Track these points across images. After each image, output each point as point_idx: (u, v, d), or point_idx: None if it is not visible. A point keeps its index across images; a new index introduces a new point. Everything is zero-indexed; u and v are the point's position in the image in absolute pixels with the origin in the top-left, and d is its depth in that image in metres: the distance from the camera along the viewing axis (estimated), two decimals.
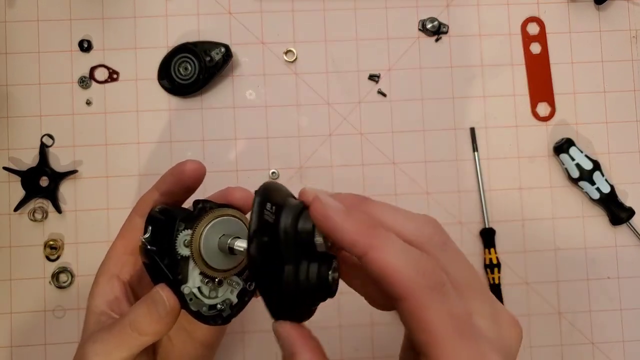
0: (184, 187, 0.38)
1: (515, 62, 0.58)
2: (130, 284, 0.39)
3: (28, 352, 0.53)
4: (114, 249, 0.39)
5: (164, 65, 0.55)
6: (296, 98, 0.56)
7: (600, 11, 0.58)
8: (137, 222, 0.38)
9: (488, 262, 0.55)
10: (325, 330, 0.53)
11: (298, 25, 0.57)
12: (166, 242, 0.34)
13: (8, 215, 0.54)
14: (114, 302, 0.38)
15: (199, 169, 0.37)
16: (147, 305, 0.34)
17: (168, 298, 0.34)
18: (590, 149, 0.57)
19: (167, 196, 0.38)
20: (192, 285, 0.34)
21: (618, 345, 0.56)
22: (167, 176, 0.38)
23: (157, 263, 0.34)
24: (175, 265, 0.34)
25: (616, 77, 0.58)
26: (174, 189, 0.38)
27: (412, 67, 0.57)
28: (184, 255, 0.34)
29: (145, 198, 0.38)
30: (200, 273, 0.34)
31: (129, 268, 0.39)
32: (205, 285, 0.34)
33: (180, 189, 0.38)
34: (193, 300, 0.34)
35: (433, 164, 0.56)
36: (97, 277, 0.39)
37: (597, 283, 0.56)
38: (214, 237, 0.34)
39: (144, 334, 0.34)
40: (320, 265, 0.29)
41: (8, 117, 0.55)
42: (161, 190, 0.38)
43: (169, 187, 0.38)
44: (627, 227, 0.57)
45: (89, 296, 0.38)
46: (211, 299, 0.35)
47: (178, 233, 0.34)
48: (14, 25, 0.55)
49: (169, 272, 0.34)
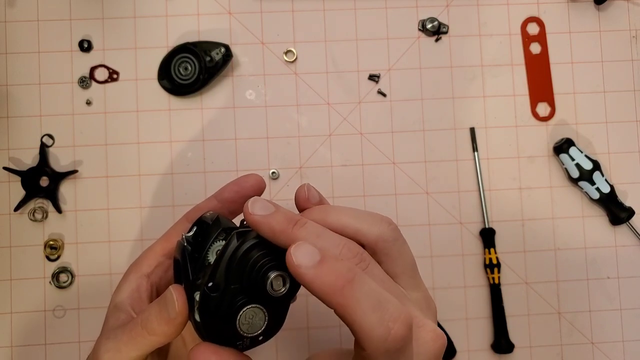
0: (243, 196, 0.38)
1: (515, 62, 0.58)
2: (158, 286, 0.39)
3: (28, 352, 0.53)
4: (151, 249, 0.39)
5: (164, 65, 0.55)
6: (296, 98, 0.56)
7: (600, 11, 0.58)
8: (184, 227, 0.38)
9: (488, 262, 0.55)
10: (325, 330, 0.53)
11: (298, 25, 0.57)
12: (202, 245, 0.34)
13: (8, 215, 0.54)
14: (137, 301, 0.37)
15: (259, 181, 0.39)
16: (159, 304, 0.34)
17: (178, 299, 0.33)
18: (590, 149, 0.57)
19: (226, 205, 0.38)
20: None
21: (618, 345, 0.56)
22: (229, 185, 0.39)
23: (185, 261, 0.34)
24: (200, 269, 0.34)
25: (616, 77, 0.58)
26: (233, 197, 0.38)
27: (412, 67, 0.57)
28: (211, 262, 0.34)
29: (201, 206, 0.39)
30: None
31: (161, 270, 0.39)
32: None
33: (240, 199, 0.38)
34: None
35: (433, 164, 0.56)
36: (128, 273, 0.38)
37: (597, 283, 0.56)
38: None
39: (153, 334, 0.33)
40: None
41: (8, 117, 0.55)
42: (220, 198, 0.39)
43: (229, 195, 0.38)
44: (627, 227, 0.57)
45: (115, 290, 0.38)
46: None
47: (215, 240, 0.34)
48: (14, 25, 0.55)
49: (191, 272, 0.34)
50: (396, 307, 0.27)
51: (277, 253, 0.30)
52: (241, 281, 0.30)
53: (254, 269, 0.30)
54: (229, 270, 0.29)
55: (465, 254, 0.56)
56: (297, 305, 0.53)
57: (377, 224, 0.32)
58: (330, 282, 0.27)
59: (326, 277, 0.27)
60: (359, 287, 0.27)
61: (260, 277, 0.30)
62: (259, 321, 0.30)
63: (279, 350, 0.53)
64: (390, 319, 0.27)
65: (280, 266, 0.30)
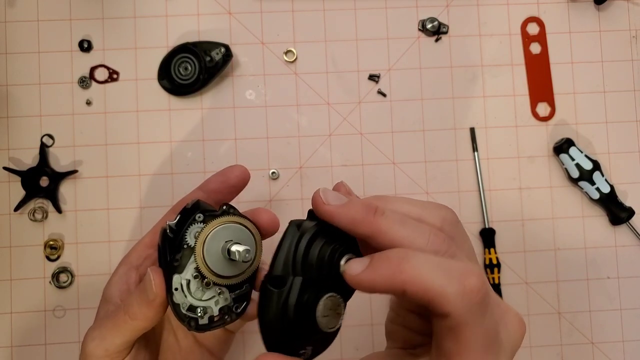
0: (229, 186, 0.39)
1: (515, 62, 0.58)
2: None
3: (28, 352, 0.53)
4: (140, 242, 0.40)
5: (164, 65, 0.55)
6: (296, 98, 0.56)
7: (600, 11, 0.58)
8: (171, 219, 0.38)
9: (488, 262, 0.55)
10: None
11: (298, 25, 0.57)
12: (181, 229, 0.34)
13: (8, 215, 0.54)
14: (126, 293, 0.38)
15: (244, 171, 0.39)
16: (139, 289, 0.34)
17: (154, 279, 0.33)
18: (590, 149, 0.57)
19: (212, 195, 0.39)
20: (183, 276, 0.34)
21: (618, 345, 0.56)
22: (214, 176, 0.39)
23: (164, 245, 0.34)
24: (177, 251, 0.34)
25: (616, 77, 0.58)
26: (219, 188, 0.39)
27: (412, 67, 0.57)
28: (190, 245, 0.34)
29: (187, 198, 0.39)
30: (195, 268, 0.34)
31: (149, 262, 0.39)
32: (194, 280, 0.34)
33: (225, 189, 0.39)
34: (178, 291, 0.34)
35: (433, 164, 0.56)
36: (118, 266, 0.39)
37: (597, 283, 0.56)
38: (221, 238, 0.34)
39: (134, 318, 0.34)
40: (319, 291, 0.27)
41: (8, 117, 0.55)
42: (205, 189, 0.39)
43: (215, 186, 0.39)
44: (627, 227, 0.57)
45: (106, 284, 0.39)
46: (194, 299, 0.34)
47: (193, 223, 0.34)
48: (14, 25, 0.55)
49: (169, 254, 0.34)
50: (460, 264, 0.26)
51: (342, 238, 0.29)
52: (309, 272, 0.28)
53: (322, 257, 0.28)
54: (294, 262, 0.27)
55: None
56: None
57: (437, 208, 0.30)
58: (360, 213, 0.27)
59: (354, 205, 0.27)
60: (417, 259, 0.26)
61: (334, 263, 0.28)
62: (337, 312, 0.28)
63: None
64: (459, 274, 0.25)
65: (350, 250, 0.29)
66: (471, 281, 0.25)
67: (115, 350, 0.34)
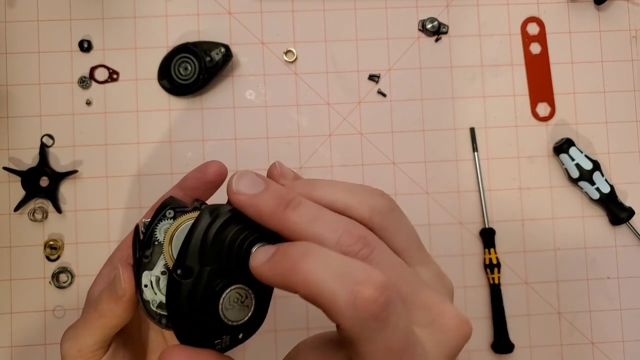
0: (205, 182, 0.38)
1: (515, 62, 0.58)
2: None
3: (28, 352, 0.53)
4: (124, 242, 0.39)
5: (164, 65, 0.55)
6: (296, 98, 0.56)
7: (600, 11, 0.58)
8: None
9: (488, 262, 0.55)
10: (326, 330, 0.53)
11: (298, 25, 0.57)
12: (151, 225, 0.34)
13: (8, 215, 0.54)
14: None
15: (221, 167, 0.39)
16: (109, 285, 0.34)
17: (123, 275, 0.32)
18: (590, 149, 0.57)
19: (189, 192, 0.38)
20: (153, 273, 0.34)
21: (618, 345, 0.56)
22: (191, 173, 0.39)
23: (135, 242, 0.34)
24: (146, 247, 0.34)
25: (616, 77, 0.58)
26: (196, 184, 0.38)
27: (412, 67, 0.57)
28: (160, 241, 0.34)
29: (165, 196, 0.39)
30: (164, 264, 0.34)
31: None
32: (163, 277, 0.34)
33: (202, 185, 0.38)
34: (148, 288, 0.34)
35: (433, 164, 0.56)
36: (102, 267, 0.39)
37: (597, 283, 0.56)
38: None
39: (102, 315, 0.33)
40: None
41: (8, 117, 0.55)
42: (183, 186, 0.38)
43: (191, 183, 0.38)
44: (627, 227, 0.57)
45: (91, 285, 0.38)
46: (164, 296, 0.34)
47: (163, 219, 0.34)
48: (14, 25, 0.55)
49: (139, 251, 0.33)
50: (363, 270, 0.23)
51: (258, 225, 0.27)
52: (218, 261, 0.26)
53: (233, 246, 0.26)
54: (202, 251, 0.26)
55: (465, 254, 0.56)
56: (297, 305, 0.53)
57: (368, 196, 0.28)
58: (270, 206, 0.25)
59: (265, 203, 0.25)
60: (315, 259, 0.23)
61: (243, 253, 0.26)
62: (245, 305, 0.27)
63: (278, 350, 0.53)
64: (354, 282, 0.22)
65: (263, 238, 0.27)
66: (365, 291, 0.22)
67: (88, 351, 0.34)
